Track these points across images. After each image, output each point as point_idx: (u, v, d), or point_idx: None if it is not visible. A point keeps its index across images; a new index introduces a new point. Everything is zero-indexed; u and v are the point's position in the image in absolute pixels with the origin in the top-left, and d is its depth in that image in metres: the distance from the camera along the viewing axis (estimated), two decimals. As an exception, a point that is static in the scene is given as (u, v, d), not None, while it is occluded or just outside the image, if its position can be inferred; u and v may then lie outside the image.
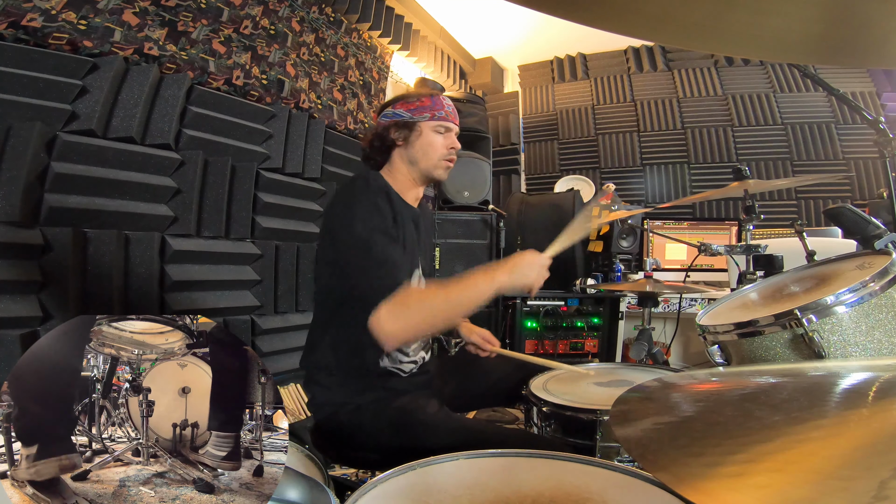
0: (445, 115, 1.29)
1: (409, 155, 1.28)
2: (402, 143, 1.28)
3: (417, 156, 1.28)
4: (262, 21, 2.30)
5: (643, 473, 0.68)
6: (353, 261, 1.12)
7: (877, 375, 0.51)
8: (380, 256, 1.08)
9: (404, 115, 1.27)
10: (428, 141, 1.27)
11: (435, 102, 1.28)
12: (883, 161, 1.44)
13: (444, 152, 1.29)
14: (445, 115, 1.29)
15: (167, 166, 1.82)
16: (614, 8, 0.43)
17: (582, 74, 4.33)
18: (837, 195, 3.47)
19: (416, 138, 1.27)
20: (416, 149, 1.27)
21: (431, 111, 1.27)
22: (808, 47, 0.47)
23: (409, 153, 1.28)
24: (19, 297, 1.42)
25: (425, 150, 1.27)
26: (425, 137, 1.27)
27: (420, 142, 1.27)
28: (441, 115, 1.28)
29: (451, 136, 1.31)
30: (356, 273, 1.11)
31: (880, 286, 0.91)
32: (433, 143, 1.27)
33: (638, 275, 2.99)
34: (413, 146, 1.27)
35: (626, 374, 1.41)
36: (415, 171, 1.30)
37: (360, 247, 1.10)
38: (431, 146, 1.27)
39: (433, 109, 1.27)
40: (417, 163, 1.28)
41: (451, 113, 1.31)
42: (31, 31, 1.48)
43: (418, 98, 1.28)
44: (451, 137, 1.30)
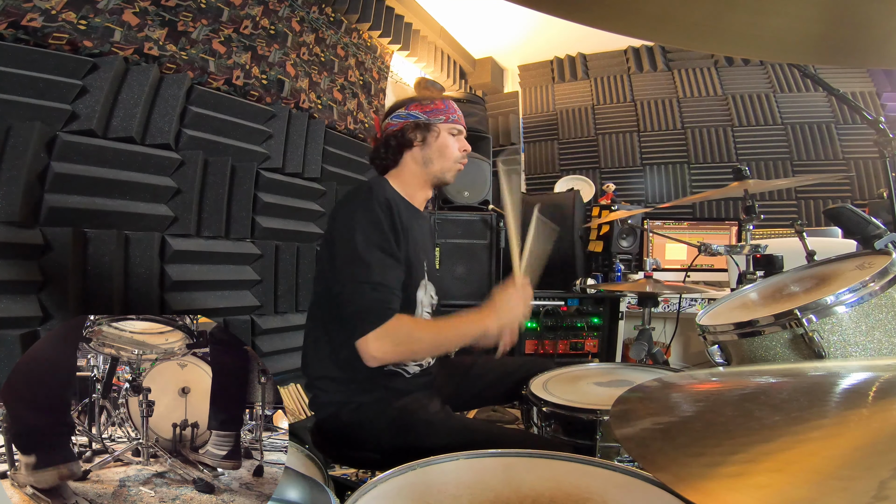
0: (458, 118, 1.34)
1: (425, 156, 1.31)
2: (418, 144, 1.31)
3: (433, 157, 1.31)
4: (262, 21, 2.30)
5: (643, 473, 0.68)
6: (349, 278, 1.12)
7: (877, 375, 0.51)
8: (376, 279, 1.10)
9: (420, 116, 1.30)
10: (445, 143, 1.31)
11: (448, 106, 1.33)
12: (883, 161, 1.44)
13: (458, 154, 1.34)
14: (458, 119, 1.34)
15: (167, 166, 1.83)
16: (614, 8, 0.43)
17: (582, 74, 4.33)
18: (837, 195, 3.47)
19: (433, 139, 1.31)
20: (433, 150, 1.31)
21: (446, 114, 1.31)
22: (808, 47, 0.47)
23: (424, 154, 1.31)
24: (19, 297, 1.42)
25: (442, 152, 1.31)
26: (442, 139, 1.31)
27: (437, 143, 1.31)
28: (454, 118, 1.33)
29: (462, 138, 1.35)
30: (350, 291, 1.12)
31: (880, 286, 0.91)
32: (449, 144, 1.32)
33: (638, 275, 3.00)
34: (430, 147, 1.31)
35: (626, 374, 1.41)
36: (428, 172, 1.32)
37: (358, 265, 1.11)
38: (448, 148, 1.31)
39: (447, 112, 1.32)
40: (432, 164, 1.31)
41: (461, 117, 1.36)
42: (31, 31, 1.48)
43: (432, 101, 1.32)
44: (463, 140, 1.35)
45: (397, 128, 1.31)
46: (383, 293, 1.10)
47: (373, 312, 1.08)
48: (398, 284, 1.16)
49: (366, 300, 1.09)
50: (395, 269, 1.15)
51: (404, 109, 1.32)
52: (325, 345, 1.24)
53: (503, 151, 3.97)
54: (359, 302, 1.09)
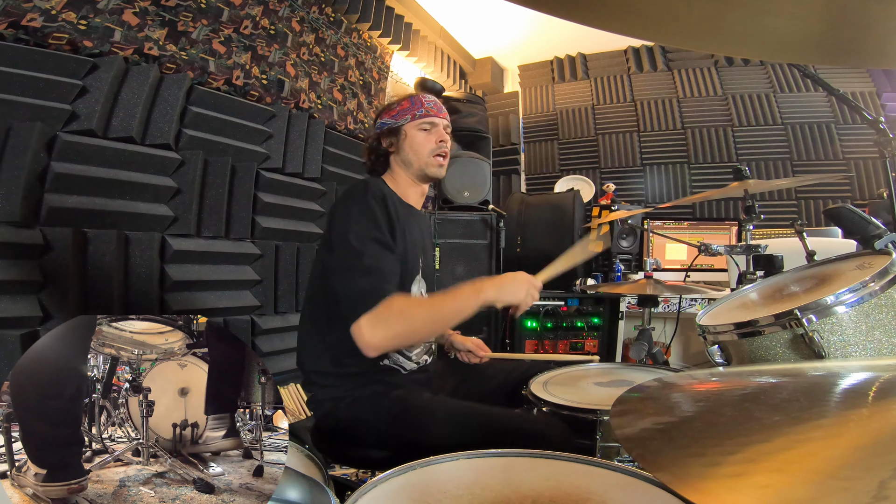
0: (426, 111, 1.33)
1: (402, 158, 1.34)
2: (393, 150, 1.34)
3: (409, 157, 1.33)
4: (262, 21, 2.30)
5: (643, 473, 0.68)
6: (341, 267, 1.13)
7: (877, 375, 0.51)
8: (368, 265, 1.09)
9: (388, 122, 1.34)
10: (415, 141, 1.32)
11: (414, 102, 1.33)
12: (883, 161, 1.44)
13: (433, 147, 1.32)
14: (426, 112, 1.32)
15: (167, 166, 1.83)
16: (614, 8, 0.43)
17: (582, 74, 4.33)
18: (837, 195, 3.47)
19: (402, 141, 1.33)
20: (406, 151, 1.33)
21: (411, 112, 1.32)
22: (808, 47, 0.47)
23: (401, 157, 1.34)
24: (19, 297, 1.42)
25: (414, 150, 1.32)
26: (411, 138, 1.32)
27: (407, 143, 1.32)
28: (421, 113, 1.32)
29: (439, 129, 1.34)
30: (341, 279, 1.12)
31: (880, 286, 0.91)
32: (419, 141, 1.32)
33: (638, 275, 2.99)
34: (403, 149, 1.33)
35: (626, 374, 1.41)
36: (411, 171, 1.35)
37: (350, 253, 1.11)
38: (419, 145, 1.32)
39: (412, 110, 1.32)
40: (411, 164, 1.33)
41: (433, 108, 1.34)
42: (31, 31, 1.48)
43: (398, 103, 1.34)
44: (439, 131, 1.34)
45: (374, 139, 1.36)
46: (375, 278, 1.09)
47: (366, 296, 1.06)
48: (393, 271, 1.14)
49: (357, 285, 1.08)
50: (389, 257, 1.15)
51: (378, 119, 1.37)
52: (318, 340, 1.25)
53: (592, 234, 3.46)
54: (351, 288, 1.08)
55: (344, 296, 1.10)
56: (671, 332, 2.70)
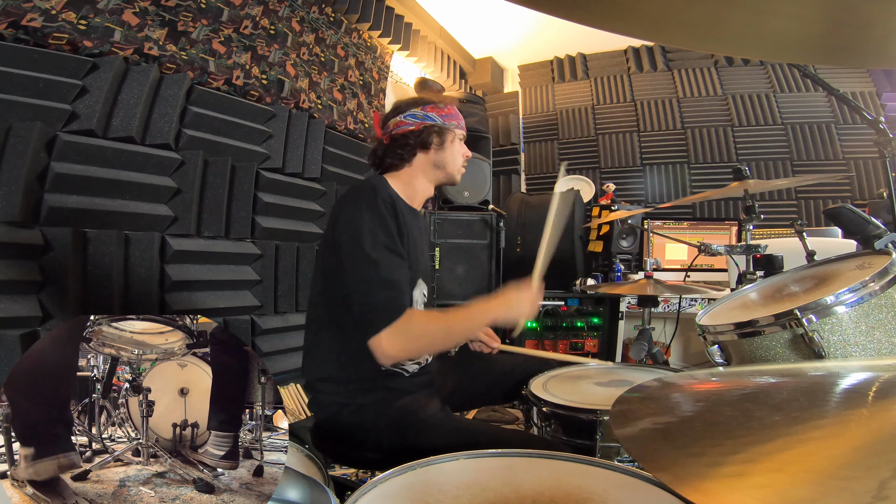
0: (465, 125, 1.39)
1: (439, 159, 1.33)
2: (435, 147, 1.32)
3: (447, 160, 1.33)
4: (262, 21, 2.30)
5: (643, 473, 0.68)
6: (358, 278, 1.12)
7: (877, 375, 0.51)
8: (385, 277, 1.10)
9: (437, 119, 1.32)
10: (457, 147, 1.35)
11: (458, 112, 1.37)
12: (883, 161, 1.44)
13: (464, 159, 1.38)
14: (465, 125, 1.39)
15: (167, 166, 1.82)
16: (614, 8, 0.43)
17: (582, 74, 4.33)
18: (837, 195, 3.47)
19: (449, 144, 1.33)
20: (448, 154, 1.33)
21: (458, 119, 1.35)
22: (808, 47, 0.47)
23: (438, 157, 1.33)
24: (19, 297, 1.42)
25: (455, 156, 1.35)
26: (456, 144, 1.35)
27: (452, 148, 1.34)
28: (464, 125, 1.37)
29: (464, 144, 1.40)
30: (360, 291, 1.11)
31: (880, 286, 0.91)
32: (460, 150, 1.36)
33: (638, 275, 2.99)
34: (445, 151, 1.33)
35: (626, 374, 1.41)
36: (440, 174, 1.35)
37: (366, 264, 1.11)
38: (459, 153, 1.36)
39: (457, 118, 1.36)
40: (445, 167, 1.34)
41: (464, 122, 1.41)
42: (31, 31, 1.48)
43: (446, 105, 1.35)
44: (465, 146, 1.40)
45: (414, 128, 1.30)
46: (393, 291, 1.10)
47: (385, 310, 1.08)
48: (407, 282, 1.16)
49: (377, 299, 1.09)
50: (402, 267, 1.16)
51: (420, 110, 1.31)
52: (326, 346, 1.24)
53: (565, 170, 3.75)
54: (370, 301, 1.09)
55: (362, 308, 1.11)
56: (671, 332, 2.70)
